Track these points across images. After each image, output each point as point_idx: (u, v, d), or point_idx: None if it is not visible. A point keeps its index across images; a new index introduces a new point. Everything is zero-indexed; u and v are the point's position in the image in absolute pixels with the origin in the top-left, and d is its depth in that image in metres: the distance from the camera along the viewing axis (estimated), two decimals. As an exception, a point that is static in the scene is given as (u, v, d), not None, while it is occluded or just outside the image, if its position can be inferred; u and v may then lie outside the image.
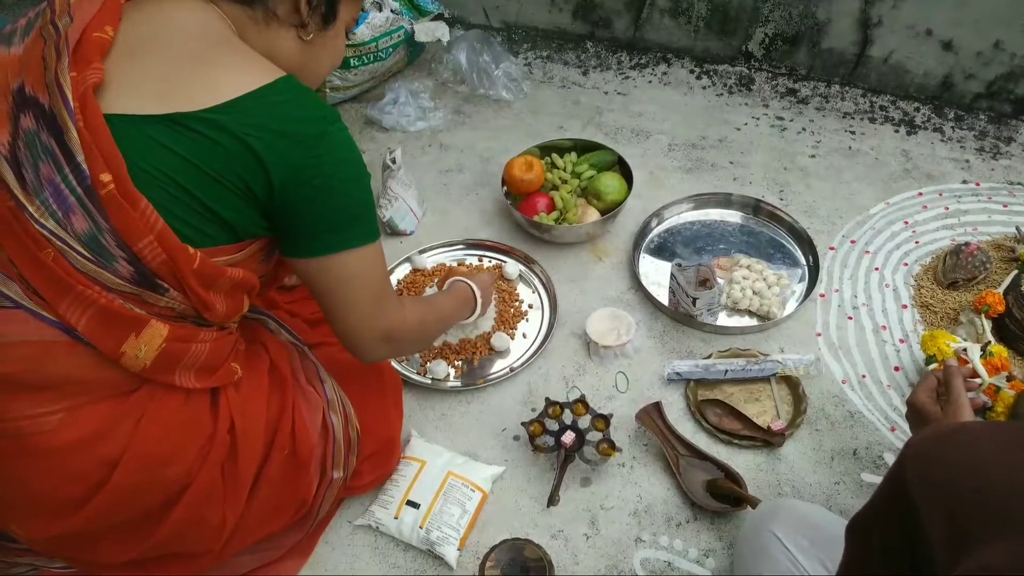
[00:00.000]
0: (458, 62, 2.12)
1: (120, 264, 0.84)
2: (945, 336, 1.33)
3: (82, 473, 0.90)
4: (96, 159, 0.81)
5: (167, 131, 0.83)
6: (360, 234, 0.96)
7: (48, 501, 0.91)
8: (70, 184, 0.82)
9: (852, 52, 2.02)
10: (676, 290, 1.50)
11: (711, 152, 1.92)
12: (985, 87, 1.94)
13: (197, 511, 0.98)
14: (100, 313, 0.85)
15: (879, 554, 0.69)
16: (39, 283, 0.84)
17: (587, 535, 1.24)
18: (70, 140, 0.81)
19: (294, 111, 0.88)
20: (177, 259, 0.86)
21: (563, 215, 1.67)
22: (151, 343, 0.89)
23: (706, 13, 2.11)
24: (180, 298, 0.89)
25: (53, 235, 0.82)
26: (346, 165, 0.92)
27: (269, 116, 0.86)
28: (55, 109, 0.81)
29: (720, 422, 1.36)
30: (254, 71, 0.88)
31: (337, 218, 0.93)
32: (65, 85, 0.81)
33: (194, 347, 0.94)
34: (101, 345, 0.86)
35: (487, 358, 1.49)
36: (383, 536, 1.25)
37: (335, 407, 1.16)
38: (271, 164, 0.86)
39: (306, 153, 0.87)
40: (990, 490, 0.59)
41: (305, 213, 0.91)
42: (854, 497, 1.26)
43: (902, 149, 1.90)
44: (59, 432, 0.87)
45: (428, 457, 1.30)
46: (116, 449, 0.90)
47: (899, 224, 1.71)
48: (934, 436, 0.68)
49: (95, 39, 0.85)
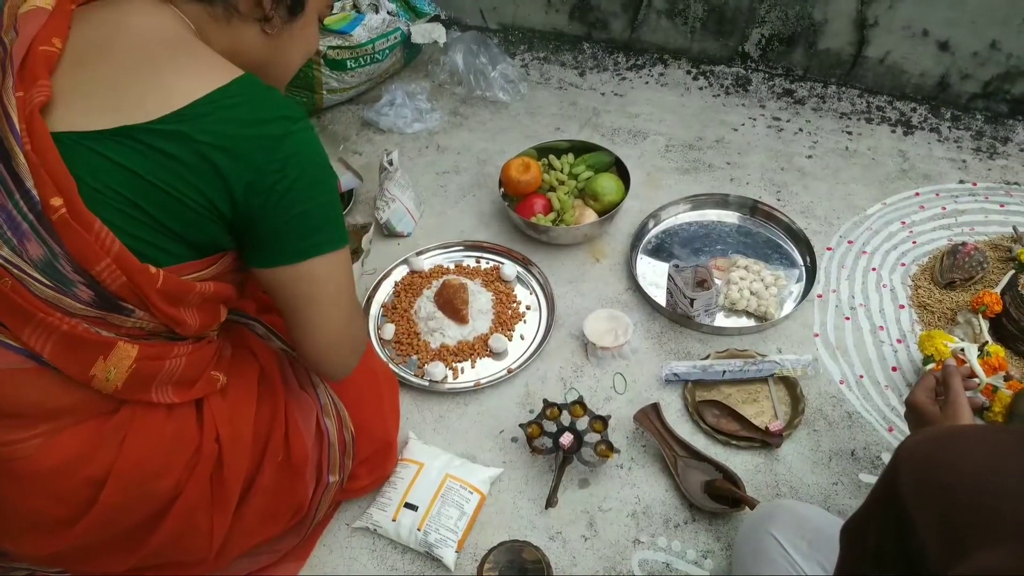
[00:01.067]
0: (455, 64, 2.12)
1: (79, 289, 0.82)
2: (942, 336, 1.33)
3: (69, 494, 0.89)
4: (45, 183, 0.78)
5: (117, 147, 0.79)
6: (329, 239, 0.92)
7: (38, 521, 0.90)
8: (21, 211, 0.79)
9: (849, 53, 2.03)
10: (674, 291, 1.50)
11: (708, 153, 1.92)
12: (981, 87, 1.94)
13: (187, 521, 0.97)
14: (64, 339, 0.83)
15: (873, 557, 0.69)
16: (1, 313, 0.81)
17: (585, 536, 1.24)
18: (18, 166, 0.78)
19: (252, 113, 0.83)
20: (138, 281, 0.83)
21: (560, 216, 1.67)
22: (120, 365, 0.86)
23: (702, 14, 2.12)
24: (147, 317, 0.87)
25: (9, 263, 0.79)
26: (311, 167, 0.87)
27: (225, 121, 0.81)
28: (1, 134, 0.78)
29: (718, 423, 1.36)
30: (209, 73, 0.83)
31: (304, 223, 0.88)
32: (10, 107, 0.78)
33: (168, 363, 0.91)
34: (68, 370, 0.84)
35: (484, 360, 1.49)
36: (381, 538, 1.25)
37: (328, 411, 1.14)
38: (230, 174, 0.82)
39: (268, 157, 0.83)
40: (984, 494, 0.59)
41: (270, 220, 0.86)
42: (852, 498, 1.26)
43: (899, 149, 1.90)
44: (39, 457, 0.86)
45: (426, 459, 1.30)
46: (101, 470, 0.89)
47: (896, 224, 1.71)
48: (928, 439, 0.68)
49: (42, 53, 0.81)
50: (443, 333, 1.52)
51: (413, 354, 1.50)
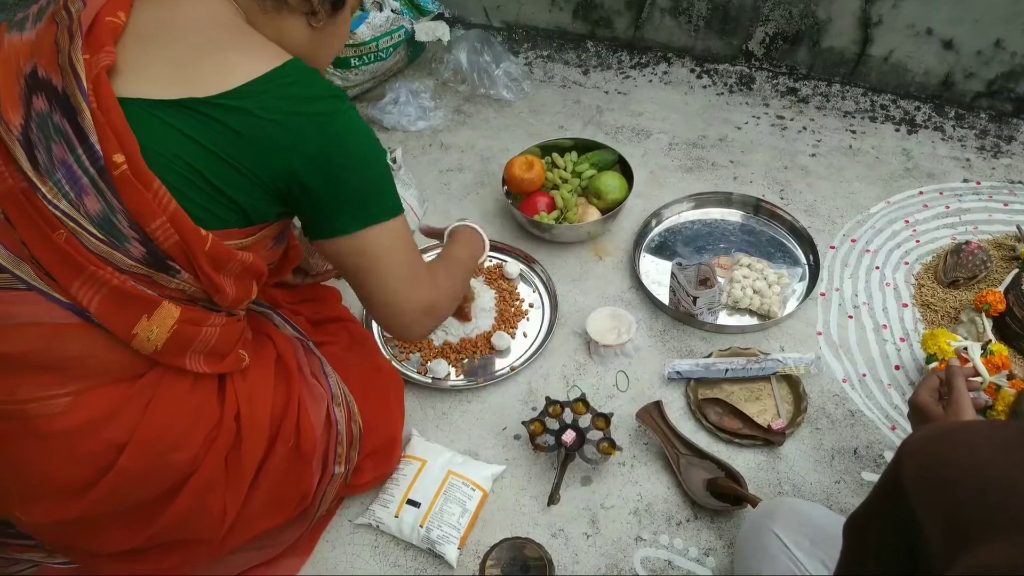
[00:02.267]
0: (459, 62, 2.12)
1: (132, 245, 0.85)
2: (946, 335, 1.33)
3: (88, 457, 0.90)
4: (109, 140, 0.81)
5: (180, 115, 0.83)
6: (385, 208, 0.96)
7: (53, 485, 0.91)
8: (83, 165, 0.82)
9: (852, 51, 2.02)
10: (676, 289, 1.50)
11: (711, 151, 1.92)
12: (986, 86, 1.94)
13: (201, 499, 0.98)
14: (112, 294, 0.85)
15: (876, 552, 0.69)
16: (51, 264, 0.84)
17: (587, 534, 1.24)
18: (83, 121, 0.81)
19: (304, 91, 0.88)
20: (189, 241, 0.86)
21: (563, 214, 1.67)
22: (163, 324, 0.89)
23: (706, 12, 2.11)
24: (191, 280, 0.90)
25: (66, 216, 0.82)
26: (362, 141, 0.93)
27: (281, 98, 0.86)
28: (68, 90, 0.81)
29: (720, 421, 1.36)
30: (263, 55, 0.88)
31: (360, 194, 0.94)
32: (79, 66, 0.82)
33: (204, 330, 0.94)
34: (113, 326, 0.86)
35: (487, 357, 1.49)
36: (383, 535, 1.25)
37: (339, 401, 1.16)
38: (287, 147, 0.86)
39: (321, 132, 0.88)
40: (987, 490, 0.59)
41: (328, 193, 0.91)
42: (854, 496, 1.26)
43: (903, 148, 1.90)
44: (66, 414, 0.87)
45: (429, 456, 1.30)
46: (123, 432, 0.90)
47: (900, 223, 1.71)
48: (931, 435, 0.68)
49: (107, 23, 0.85)
50: (446, 330, 1.52)
51: (416, 351, 1.50)
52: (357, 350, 1.31)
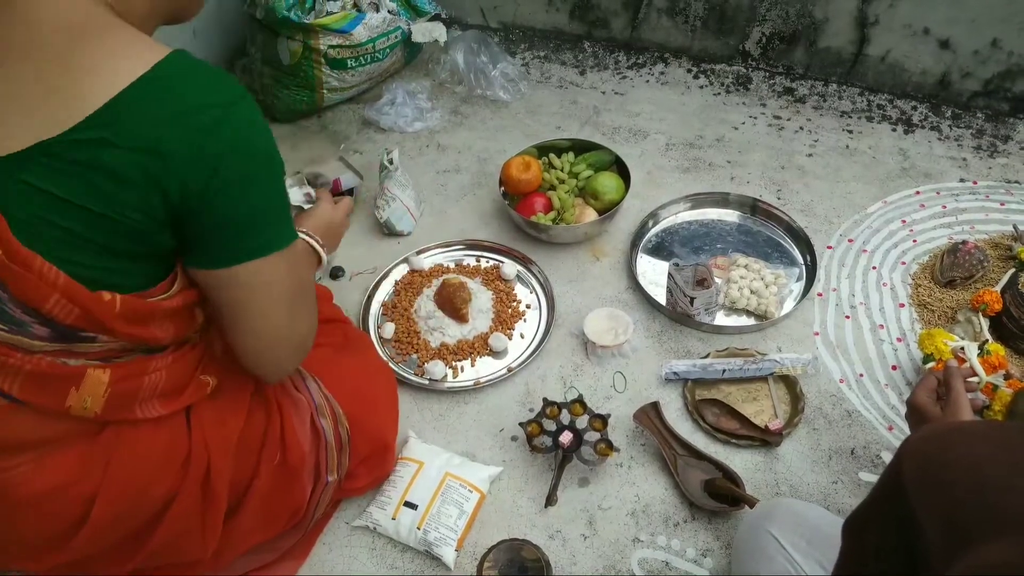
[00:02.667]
0: (455, 63, 2.12)
1: (34, 327, 0.77)
2: (943, 335, 1.33)
3: (61, 514, 0.89)
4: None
5: (38, 169, 0.71)
6: (275, 237, 0.83)
7: (33, 542, 0.90)
8: None
9: (849, 51, 2.02)
10: (674, 290, 1.50)
11: (708, 151, 1.92)
12: (982, 85, 1.94)
13: (182, 524, 0.97)
14: (30, 377, 0.79)
15: (875, 553, 0.69)
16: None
17: (585, 535, 1.24)
18: None
19: (178, 103, 0.73)
20: (92, 310, 0.77)
21: (560, 215, 1.67)
22: (94, 392, 0.82)
23: (703, 12, 2.11)
24: (112, 340, 0.82)
25: None
26: (248, 161, 0.77)
27: (150, 117, 0.71)
28: None
29: (718, 422, 1.36)
30: (127, 60, 0.72)
31: (247, 221, 0.80)
32: None
33: (147, 379, 0.86)
34: (44, 406, 0.81)
35: (484, 358, 1.49)
36: (381, 537, 1.25)
37: (324, 411, 1.12)
38: (162, 177, 0.72)
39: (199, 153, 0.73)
40: (987, 489, 0.59)
41: (203, 221, 0.77)
42: (852, 496, 1.26)
43: (899, 148, 1.90)
44: (29, 482, 0.85)
45: (426, 458, 1.30)
46: (91, 487, 0.88)
47: (897, 223, 1.71)
48: (931, 435, 0.68)
49: None
50: (443, 332, 1.52)
51: (413, 353, 1.50)
52: (350, 350, 1.29)
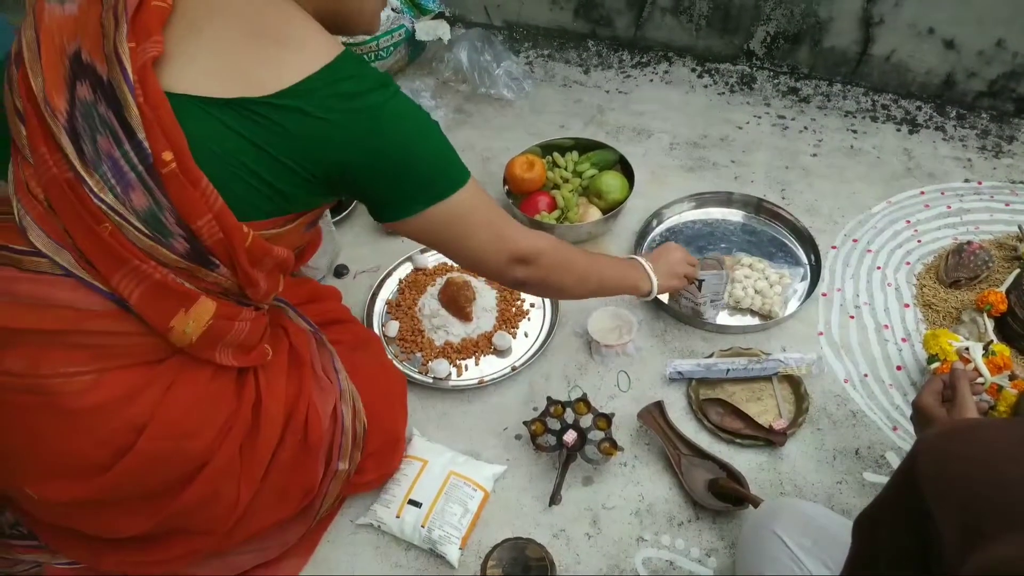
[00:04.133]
0: (459, 61, 2.12)
1: (177, 241, 0.84)
2: (947, 335, 1.33)
3: (108, 436, 0.90)
4: (157, 137, 0.79)
5: (232, 115, 0.82)
6: (449, 183, 0.96)
7: (71, 462, 0.90)
8: (130, 161, 0.80)
9: (854, 51, 2.02)
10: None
11: (713, 151, 1.92)
12: (987, 86, 1.94)
13: (213, 487, 0.98)
14: (153, 287, 0.85)
15: (887, 549, 0.69)
16: (93, 255, 0.83)
17: (589, 534, 1.24)
18: (130, 116, 0.79)
19: (354, 87, 0.86)
20: (232, 238, 0.86)
21: (564, 214, 1.67)
22: (199, 319, 0.89)
23: (708, 11, 2.11)
24: (228, 275, 0.90)
25: (111, 210, 0.81)
26: (414, 127, 0.92)
27: (333, 96, 0.84)
28: (114, 82, 0.79)
29: (722, 421, 1.36)
30: (314, 49, 0.86)
31: (421, 177, 0.93)
32: (124, 57, 0.79)
33: (237, 325, 0.95)
34: (151, 318, 0.87)
35: (488, 357, 1.49)
36: (385, 535, 1.25)
37: (346, 399, 1.16)
38: (340, 143, 0.86)
39: (373, 126, 0.87)
40: (1003, 485, 0.59)
41: (389, 182, 0.92)
42: (856, 497, 1.26)
43: (904, 148, 1.90)
44: (89, 392, 0.87)
45: (430, 456, 1.30)
46: (143, 414, 0.90)
47: (901, 223, 1.70)
48: (948, 432, 0.68)
49: (154, 8, 0.82)
50: (447, 330, 1.52)
51: (417, 351, 1.50)
52: (363, 351, 1.31)
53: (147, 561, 1.05)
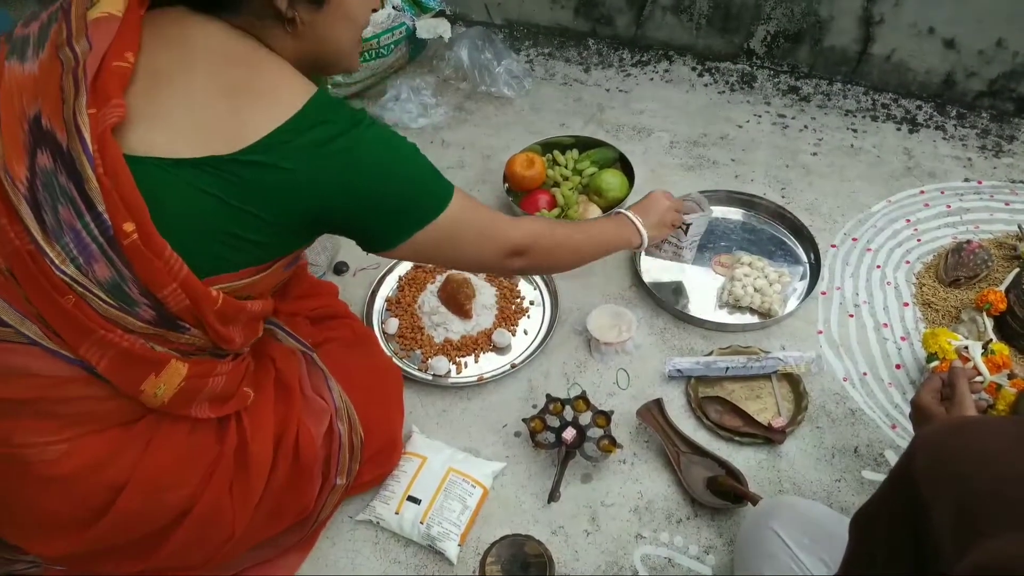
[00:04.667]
0: (460, 59, 2.12)
1: (143, 309, 0.84)
2: (947, 334, 1.33)
3: (87, 497, 0.90)
4: (117, 208, 0.78)
5: (199, 173, 0.80)
6: (434, 203, 0.96)
7: (53, 523, 0.91)
8: (91, 232, 0.79)
9: (854, 50, 2.02)
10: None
11: (712, 149, 1.92)
12: (987, 85, 1.94)
13: (200, 531, 0.98)
14: (121, 355, 0.84)
15: (884, 547, 0.69)
16: (59, 325, 0.82)
17: (588, 531, 1.24)
18: (90, 188, 0.77)
19: (324, 133, 0.85)
20: (200, 303, 0.85)
21: (564, 212, 1.67)
22: (170, 382, 0.89)
23: (708, 10, 2.11)
24: (200, 335, 0.89)
25: (75, 281, 0.80)
26: (390, 158, 0.91)
27: (303, 147, 0.83)
28: (73, 152, 0.77)
29: (721, 419, 1.36)
30: (285, 95, 0.85)
31: (405, 206, 0.93)
32: (84, 127, 0.77)
33: (212, 380, 0.94)
34: (120, 384, 0.86)
35: (488, 354, 1.50)
36: (384, 531, 1.25)
37: (342, 415, 1.15)
38: (314, 191, 0.85)
39: (348, 168, 0.86)
40: (1001, 482, 0.59)
41: (373, 217, 0.92)
42: (855, 495, 1.26)
43: (904, 147, 1.90)
44: (63, 460, 0.86)
45: (429, 453, 1.30)
46: (121, 475, 0.90)
47: (901, 222, 1.70)
48: (945, 429, 0.68)
49: (115, 69, 0.80)
50: (447, 328, 1.52)
51: (417, 348, 1.50)
52: (358, 348, 1.30)
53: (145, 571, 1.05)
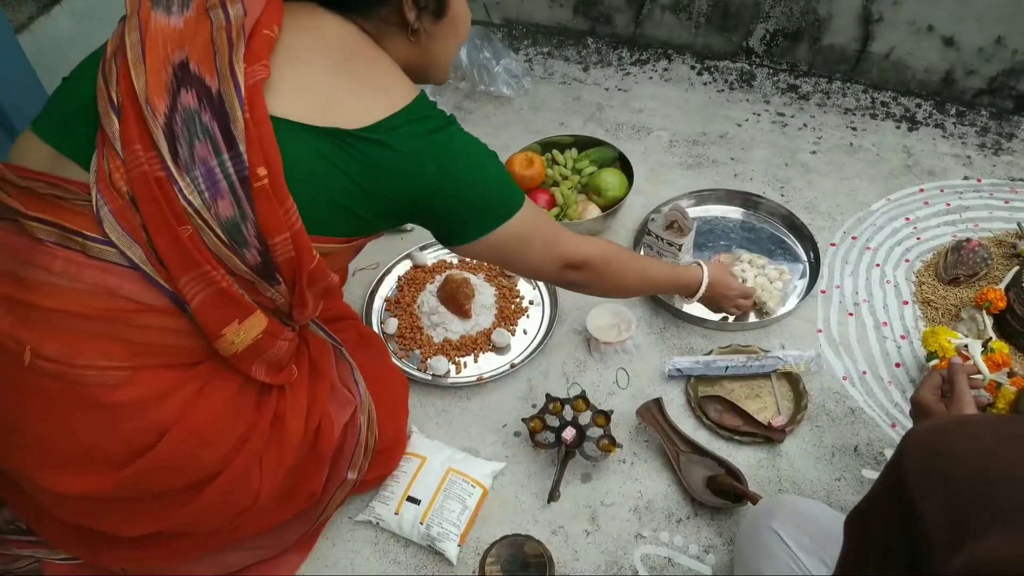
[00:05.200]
0: (458, 58, 2.11)
1: (251, 252, 0.87)
2: (946, 332, 1.33)
3: (130, 434, 0.89)
4: (257, 152, 0.83)
5: (325, 143, 0.87)
6: (508, 207, 1.02)
7: (88, 456, 0.90)
8: (226, 170, 0.83)
9: (853, 48, 2.02)
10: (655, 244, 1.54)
11: (712, 148, 1.92)
12: (986, 83, 1.94)
13: (223, 496, 0.98)
14: (216, 294, 0.87)
15: (878, 546, 0.68)
16: (167, 254, 0.84)
17: (587, 531, 1.24)
18: (235, 129, 0.82)
19: (429, 125, 0.93)
20: (302, 258, 0.89)
21: (564, 211, 1.66)
22: (250, 331, 0.92)
23: (707, 9, 2.11)
24: (285, 293, 0.93)
25: (196, 213, 0.83)
26: (480, 157, 0.99)
27: (412, 134, 0.91)
28: (225, 95, 0.83)
29: (721, 418, 1.36)
30: (398, 90, 0.93)
31: (487, 203, 1.01)
32: (239, 75, 0.83)
33: (278, 343, 0.97)
34: (206, 323, 0.88)
35: (487, 354, 1.49)
36: (383, 532, 1.25)
37: (364, 409, 1.17)
38: (417, 175, 0.92)
39: (443, 158, 0.93)
40: (989, 481, 0.59)
41: (461, 208, 0.99)
42: (855, 493, 1.26)
43: (903, 145, 1.90)
44: (121, 388, 0.87)
45: (429, 453, 1.30)
46: (169, 417, 0.90)
47: (900, 220, 1.70)
48: (934, 427, 0.68)
49: (264, 36, 0.87)
50: (446, 328, 1.52)
51: (416, 348, 1.50)
52: (366, 350, 1.31)
53: (146, 557, 1.05)
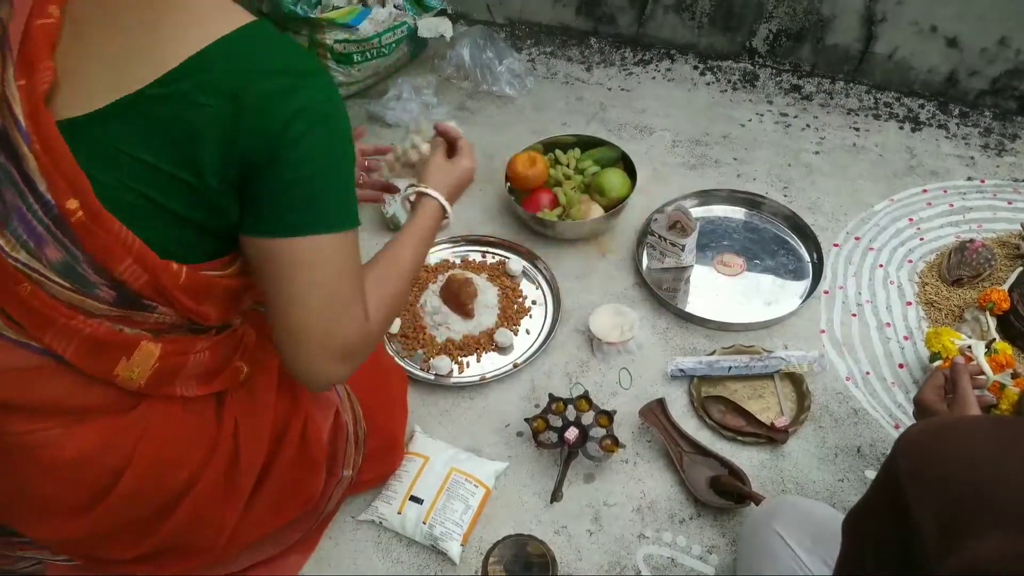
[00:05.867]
0: (461, 58, 2.12)
1: (102, 290, 0.79)
2: (949, 333, 1.33)
3: (88, 482, 0.89)
4: (59, 185, 0.73)
5: (119, 126, 0.74)
6: (330, 218, 0.79)
7: (55, 508, 0.91)
8: (36, 214, 0.75)
9: (857, 48, 2.02)
10: (657, 244, 1.55)
11: (715, 148, 1.92)
12: (990, 84, 1.93)
13: (200, 511, 0.97)
14: (87, 341, 0.81)
15: (874, 547, 0.68)
16: (19, 315, 0.78)
17: (590, 531, 1.24)
18: (28, 167, 0.73)
19: (259, 63, 0.74)
20: (160, 278, 0.79)
21: (566, 211, 1.66)
22: (144, 364, 0.84)
23: (710, 9, 2.11)
24: (169, 312, 0.84)
25: (27, 267, 0.76)
26: (322, 127, 0.76)
27: (228, 73, 0.72)
28: (8, 131, 0.73)
29: (724, 419, 1.36)
30: (213, 20, 0.74)
31: (305, 190, 0.77)
32: (14, 102, 0.73)
33: (192, 358, 0.89)
34: (91, 371, 0.83)
35: (490, 354, 1.49)
36: (386, 531, 1.25)
37: (346, 406, 1.14)
38: (233, 127, 0.72)
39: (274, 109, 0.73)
40: (982, 483, 0.59)
41: (268, 179, 0.75)
42: (858, 494, 1.24)
43: (907, 146, 1.90)
44: (62, 444, 0.85)
45: (431, 453, 1.30)
46: (121, 459, 0.89)
47: (904, 221, 1.70)
48: (928, 429, 0.68)
49: (40, 28, 0.75)
50: (449, 327, 1.52)
51: (419, 348, 1.50)
52: None
53: (149, 571, 1.05)
